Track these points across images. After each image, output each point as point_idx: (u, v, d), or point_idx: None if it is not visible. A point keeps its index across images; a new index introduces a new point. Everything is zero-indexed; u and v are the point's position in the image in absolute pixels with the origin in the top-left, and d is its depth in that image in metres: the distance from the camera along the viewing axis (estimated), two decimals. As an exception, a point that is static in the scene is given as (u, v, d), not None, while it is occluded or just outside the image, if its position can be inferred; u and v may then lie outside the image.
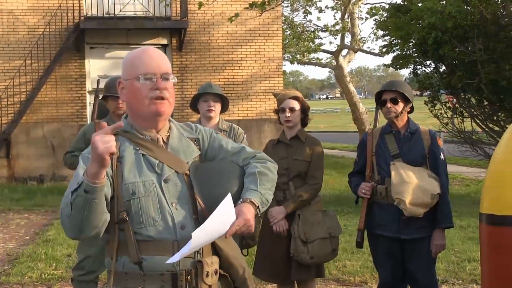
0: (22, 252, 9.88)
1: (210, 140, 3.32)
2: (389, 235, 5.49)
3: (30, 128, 20.15)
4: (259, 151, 3.39)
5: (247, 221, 2.97)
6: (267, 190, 3.15)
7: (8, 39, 20.07)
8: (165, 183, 3.09)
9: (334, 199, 15.37)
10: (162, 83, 3.10)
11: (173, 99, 3.18)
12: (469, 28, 13.85)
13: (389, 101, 5.52)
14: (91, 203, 2.81)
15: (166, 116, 3.17)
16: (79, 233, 2.92)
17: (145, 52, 3.18)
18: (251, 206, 3.03)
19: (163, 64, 3.14)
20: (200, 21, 21.15)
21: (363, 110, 28.14)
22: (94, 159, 2.75)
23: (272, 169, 3.27)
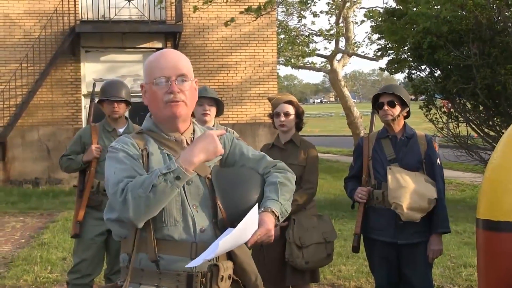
0: (17, 255, 9.86)
1: (232, 146, 3.34)
2: (385, 240, 5.49)
3: (26, 131, 20.12)
4: (279, 161, 3.40)
5: (269, 231, 3.01)
6: (286, 201, 3.18)
7: (4, 42, 20.05)
8: (188, 185, 3.10)
9: (329, 204, 15.37)
10: (176, 86, 3.10)
11: (191, 101, 3.18)
12: (464, 32, 13.84)
13: (386, 104, 5.52)
14: (175, 190, 2.94)
15: (183, 118, 3.18)
16: (140, 216, 2.94)
17: (162, 55, 3.19)
18: (272, 216, 3.07)
19: (179, 66, 3.14)
20: (195, 25, 21.16)
21: (358, 114, 28.16)
22: (205, 152, 3.00)
23: (291, 180, 3.29)
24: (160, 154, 3.17)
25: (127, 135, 3.27)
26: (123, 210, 2.94)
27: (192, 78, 3.21)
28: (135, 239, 3.09)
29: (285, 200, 3.17)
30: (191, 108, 3.21)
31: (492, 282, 3.85)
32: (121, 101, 6.40)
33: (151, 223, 3.04)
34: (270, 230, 3.02)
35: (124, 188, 2.93)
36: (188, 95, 3.15)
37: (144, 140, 3.21)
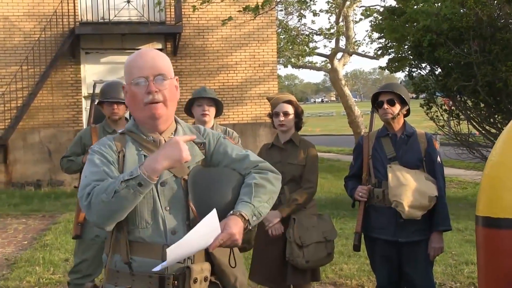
0: (20, 257, 9.88)
1: (216, 145, 3.28)
2: (386, 238, 5.48)
3: (27, 133, 20.14)
4: (263, 160, 3.31)
5: (232, 235, 2.94)
6: (262, 203, 3.10)
7: (4, 45, 20.06)
8: (162, 186, 3.08)
9: (330, 203, 15.36)
10: (154, 86, 3.08)
11: (171, 100, 3.15)
12: (465, 30, 13.82)
13: (386, 102, 5.52)
14: (138, 196, 2.93)
15: (163, 118, 3.15)
16: (105, 221, 2.98)
17: (140, 55, 3.17)
18: (239, 220, 2.99)
19: (157, 65, 3.12)
20: (194, 26, 21.16)
21: (359, 113, 28.16)
22: (169, 158, 2.93)
23: (272, 180, 3.21)
24: (137, 155, 3.15)
25: (109, 136, 3.27)
26: (88, 214, 2.99)
27: (172, 76, 3.19)
28: (111, 241, 3.12)
29: (260, 202, 3.09)
30: (171, 107, 3.18)
31: (492, 279, 3.85)
32: (121, 103, 6.40)
33: (124, 225, 3.05)
34: (233, 234, 2.94)
35: (90, 192, 2.96)
36: (168, 95, 3.13)
37: (124, 141, 3.20)
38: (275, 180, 3.23)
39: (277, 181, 3.25)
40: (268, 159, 5.89)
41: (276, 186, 3.23)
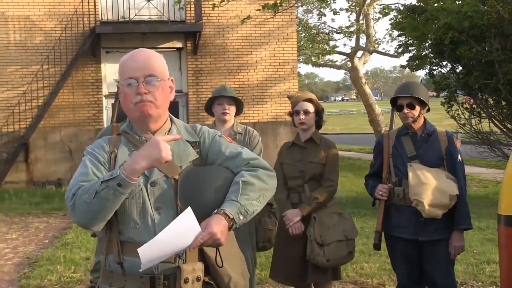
0: (41, 256, 9.93)
1: (211, 144, 3.24)
2: (407, 237, 5.46)
3: (48, 132, 20.23)
4: (257, 157, 3.22)
5: (213, 234, 2.88)
6: (250, 201, 3.01)
7: (25, 44, 20.17)
8: (152, 186, 3.08)
9: (350, 201, 15.32)
10: (144, 87, 3.07)
11: (161, 100, 3.12)
12: (486, 27, 13.75)
13: (406, 106, 5.49)
14: (118, 197, 2.92)
15: (154, 118, 3.14)
16: (88, 222, 2.99)
17: (132, 55, 3.16)
18: (222, 218, 2.93)
19: (148, 66, 3.10)
20: (214, 24, 21.16)
21: (379, 112, 28.08)
22: (148, 158, 2.90)
23: (263, 177, 3.12)
24: (129, 155, 3.13)
25: (104, 138, 3.30)
26: (72, 214, 3.00)
27: (165, 77, 3.17)
28: (106, 241, 3.14)
29: (248, 200, 3.00)
30: (162, 107, 3.16)
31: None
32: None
33: (115, 226, 3.07)
34: (214, 233, 2.88)
35: (74, 193, 2.97)
36: (158, 96, 3.11)
37: (118, 142, 3.22)
38: (267, 177, 3.14)
39: (269, 178, 3.16)
40: (288, 157, 5.93)
41: (268, 183, 3.14)
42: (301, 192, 5.87)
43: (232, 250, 3.25)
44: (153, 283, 3.02)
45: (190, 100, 20.85)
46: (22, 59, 20.12)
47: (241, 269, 3.27)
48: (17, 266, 9.49)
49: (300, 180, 5.85)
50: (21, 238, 11.72)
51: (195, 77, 20.83)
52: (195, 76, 20.84)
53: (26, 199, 16.81)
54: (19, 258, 10.03)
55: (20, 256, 10.17)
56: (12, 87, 20.06)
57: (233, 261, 3.21)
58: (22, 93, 19.82)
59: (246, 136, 6.39)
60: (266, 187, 3.11)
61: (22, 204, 16.18)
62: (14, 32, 20.12)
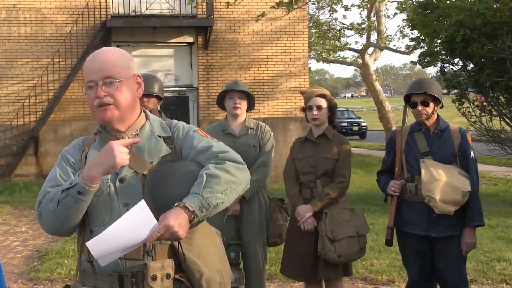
0: (51, 249, 9.96)
1: (185, 139, 3.19)
2: (419, 233, 5.45)
3: (58, 126, 20.29)
4: (226, 150, 3.12)
5: (169, 227, 2.81)
6: (214, 194, 2.93)
7: (36, 37, 20.21)
8: (120, 183, 3.05)
9: (360, 198, 15.31)
10: (102, 90, 3.02)
11: (123, 101, 3.07)
12: (498, 25, 13.70)
13: (420, 104, 5.47)
14: (81, 204, 2.93)
15: (116, 120, 3.09)
16: (57, 229, 3.04)
17: (91, 58, 3.14)
18: (182, 211, 2.85)
19: (106, 68, 3.05)
20: (226, 19, 21.15)
21: (389, 109, 28.05)
22: (103, 165, 2.88)
23: (230, 170, 3.02)
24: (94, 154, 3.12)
25: (81, 137, 3.30)
26: (40, 222, 3.05)
27: (128, 76, 3.12)
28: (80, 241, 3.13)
29: (211, 192, 2.91)
30: (126, 108, 3.11)
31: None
32: (152, 96, 6.38)
33: (87, 225, 3.06)
34: (170, 226, 2.80)
35: (41, 201, 3.00)
36: (119, 97, 3.05)
37: (92, 140, 3.21)
38: (235, 169, 3.03)
39: (237, 170, 3.05)
40: (301, 153, 5.93)
41: (237, 176, 3.03)
42: (313, 187, 5.85)
43: (208, 246, 3.18)
44: (122, 281, 3.00)
45: (201, 95, 20.86)
46: (32, 52, 20.18)
47: (218, 266, 3.18)
48: (26, 259, 9.52)
49: (312, 176, 5.84)
50: (31, 231, 11.76)
51: (205, 72, 20.83)
52: (205, 71, 20.85)
53: (36, 192, 16.74)
54: (29, 251, 10.07)
55: (29, 249, 10.21)
56: (22, 80, 20.12)
57: (208, 257, 3.14)
58: (33, 86, 19.87)
59: (258, 131, 6.38)
60: (233, 179, 3.01)
61: (32, 197, 16.20)
62: (25, 25, 20.17)
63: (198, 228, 3.08)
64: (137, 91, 3.19)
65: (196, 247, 3.08)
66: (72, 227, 3.02)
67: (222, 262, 3.26)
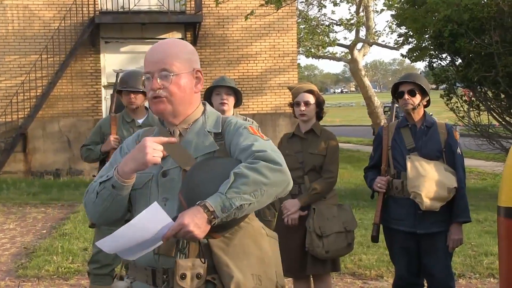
0: (39, 246, 9.93)
1: (234, 135, 3.08)
2: (405, 230, 5.45)
3: (46, 122, 20.23)
4: (265, 150, 2.93)
5: (183, 226, 2.76)
6: (240, 194, 2.80)
7: (24, 34, 20.15)
8: (163, 177, 3.04)
9: (349, 193, 15.34)
10: (157, 83, 3.02)
11: (178, 95, 3.05)
12: (486, 20, 13.75)
13: (407, 92, 5.48)
14: (116, 198, 2.95)
15: (168, 114, 3.08)
16: (98, 220, 3.09)
17: (150, 49, 3.13)
18: (201, 210, 2.78)
19: (164, 60, 3.04)
20: (214, 15, 21.14)
21: (378, 104, 28.09)
22: (134, 161, 2.88)
23: (262, 170, 2.84)
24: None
25: (144, 129, 3.32)
26: (86, 211, 3.11)
27: (186, 70, 3.09)
28: None
29: (237, 193, 2.79)
30: (180, 102, 3.08)
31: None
32: (139, 92, 6.37)
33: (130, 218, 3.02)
34: (184, 225, 2.75)
35: (87, 190, 3.06)
36: (173, 90, 3.04)
37: (150, 132, 3.23)
38: (268, 170, 2.86)
39: (271, 171, 2.86)
40: (289, 148, 5.92)
41: (269, 177, 2.85)
42: (301, 183, 5.85)
43: (249, 248, 3.04)
44: (154, 276, 2.98)
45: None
46: (20, 49, 20.13)
47: (257, 271, 3.03)
48: (14, 256, 9.49)
49: (300, 171, 5.84)
50: (19, 228, 11.73)
51: (194, 68, 20.79)
52: (194, 67, 20.80)
53: (24, 189, 16.84)
54: (17, 248, 10.04)
55: (17, 246, 10.18)
56: (10, 77, 20.06)
57: (245, 260, 3.00)
58: (21, 83, 19.81)
59: (244, 127, 6.36)
60: (264, 181, 2.84)
61: (20, 194, 16.21)
62: (12, 22, 20.11)
63: (242, 228, 3.02)
64: (196, 86, 3.16)
65: (233, 248, 2.98)
66: (116, 219, 3.07)
67: (264, 267, 3.08)
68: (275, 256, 3.23)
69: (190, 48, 3.19)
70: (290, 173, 2.98)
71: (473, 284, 7.86)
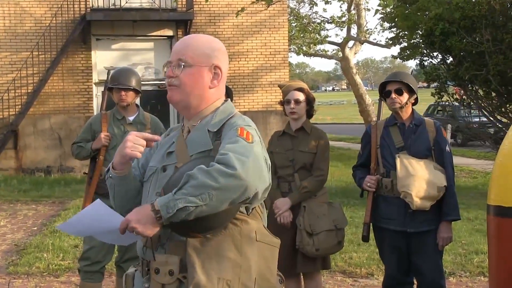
0: (29, 243, 9.91)
1: (226, 135, 3.02)
2: (395, 229, 5.45)
3: (37, 119, 20.18)
4: (227, 153, 2.83)
5: (128, 221, 2.85)
6: (186, 196, 2.76)
7: (15, 31, 20.09)
8: (163, 171, 3.10)
9: (340, 191, 15.36)
10: (171, 71, 3.10)
11: (189, 87, 3.09)
12: (477, 18, 13.78)
13: (394, 92, 5.48)
14: (118, 187, 3.12)
15: (179, 104, 3.13)
16: (116, 207, 3.20)
17: (180, 40, 3.25)
18: (148, 208, 2.83)
19: (182, 51, 3.12)
20: (206, 13, 21.12)
21: (370, 102, 28.09)
22: (118, 153, 3.02)
23: (213, 174, 2.77)
24: (169, 140, 3.23)
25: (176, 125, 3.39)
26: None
27: (203, 63, 3.10)
28: None
29: (184, 194, 2.76)
30: (189, 93, 3.10)
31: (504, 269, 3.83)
32: (129, 89, 6.36)
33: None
34: (128, 220, 2.85)
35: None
36: (184, 80, 3.08)
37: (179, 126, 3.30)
38: (220, 174, 2.77)
39: (222, 175, 2.76)
40: (279, 146, 5.93)
41: (219, 181, 2.76)
42: (291, 181, 5.86)
43: (225, 252, 2.96)
44: (143, 267, 3.08)
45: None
46: (11, 46, 20.06)
47: (226, 276, 2.94)
48: (5, 253, 9.48)
49: (290, 169, 5.85)
50: (10, 225, 11.71)
51: (186, 65, 20.75)
52: (185, 64, 20.77)
53: (15, 186, 16.82)
54: (7, 245, 10.02)
55: (8, 243, 10.16)
56: (1, 74, 20.02)
57: (216, 263, 2.94)
58: (12, 80, 19.75)
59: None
60: (213, 185, 2.76)
61: (11, 191, 16.18)
62: (3, 18, 20.05)
63: (227, 230, 2.95)
64: (212, 81, 3.15)
65: (207, 249, 2.93)
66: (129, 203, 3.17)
67: (239, 272, 2.96)
68: (261, 263, 3.09)
69: (216, 45, 3.21)
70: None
71: (464, 282, 7.88)
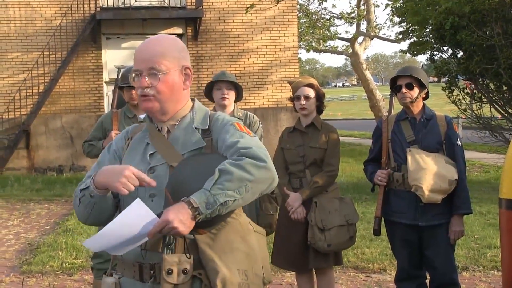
0: (43, 242, 9.95)
1: (221, 132, 3.09)
2: (407, 222, 5.46)
3: (49, 119, 20.26)
4: (249, 146, 2.93)
5: (168, 222, 2.75)
6: (224, 191, 2.80)
7: (26, 31, 20.17)
8: (151, 173, 3.04)
9: (351, 187, 15.34)
10: (146, 81, 3.04)
11: (166, 94, 3.07)
12: (487, 12, 13.74)
13: (404, 86, 5.48)
14: (94, 205, 3.00)
15: (157, 112, 3.10)
16: (86, 221, 3.13)
17: (140, 47, 3.14)
18: (185, 206, 2.78)
19: (152, 58, 3.05)
20: (215, 10, 21.13)
21: (380, 97, 28.07)
22: (108, 179, 2.90)
23: (246, 167, 2.84)
24: (139, 142, 3.17)
25: (134, 124, 3.35)
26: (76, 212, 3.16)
27: (175, 68, 3.12)
28: None
29: (222, 189, 2.79)
30: (169, 100, 3.10)
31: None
32: (137, 89, 6.37)
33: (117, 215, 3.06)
34: (168, 221, 2.75)
35: (74, 194, 3.12)
36: (161, 89, 3.06)
37: (140, 128, 3.25)
38: (252, 167, 2.86)
39: (255, 168, 2.86)
40: (289, 142, 5.93)
41: (253, 174, 2.85)
42: (302, 177, 5.86)
43: (235, 244, 3.04)
44: (142, 272, 3.00)
45: (191, 86, 20.83)
46: (22, 46, 20.14)
47: (243, 266, 3.03)
48: (18, 252, 9.51)
49: (301, 165, 5.85)
50: (23, 225, 11.75)
51: (196, 63, 20.80)
52: (196, 62, 20.82)
53: (28, 186, 16.88)
54: (21, 244, 10.06)
55: (21, 242, 10.20)
56: (13, 74, 20.09)
57: (231, 255, 3.00)
58: (23, 80, 19.83)
59: (246, 122, 6.37)
60: (248, 177, 2.84)
61: (24, 190, 16.23)
62: (14, 19, 20.12)
63: (228, 224, 3.03)
64: (184, 83, 3.19)
65: (219, 243, 2.98)
66: (104, 220, 3.05)
67: (251, 262, 3.07)
68: (262, 251, 3.21)
69: (179, 45, 3.21)
70: (275, 170, 2.97)
71: (477, 276, 7.86)
